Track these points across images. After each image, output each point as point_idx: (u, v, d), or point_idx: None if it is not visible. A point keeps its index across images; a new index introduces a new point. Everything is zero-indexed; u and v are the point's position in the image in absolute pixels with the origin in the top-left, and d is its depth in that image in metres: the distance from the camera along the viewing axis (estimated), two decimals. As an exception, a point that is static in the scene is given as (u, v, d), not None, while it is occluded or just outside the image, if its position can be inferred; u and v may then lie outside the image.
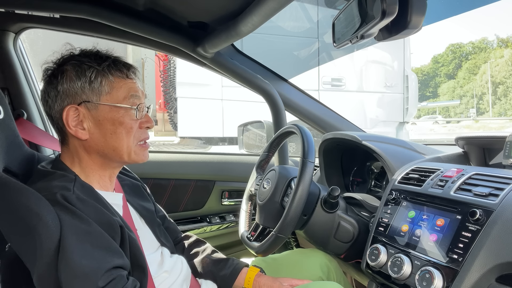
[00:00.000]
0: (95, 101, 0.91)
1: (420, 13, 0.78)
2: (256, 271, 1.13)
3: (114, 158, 0.95)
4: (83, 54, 0.95)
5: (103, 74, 0.92)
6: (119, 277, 0.80)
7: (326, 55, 6.09)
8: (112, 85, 0.93)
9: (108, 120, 0.92)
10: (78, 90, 0.91)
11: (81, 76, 0.91)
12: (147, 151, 1.01)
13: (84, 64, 0.92)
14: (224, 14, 1.26)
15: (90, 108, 0.91)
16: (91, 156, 0.94)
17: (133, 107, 0.94)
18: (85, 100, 0.91)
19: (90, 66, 0.91)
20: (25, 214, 0.77)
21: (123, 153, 0.94)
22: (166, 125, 6.78)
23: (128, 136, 0.94)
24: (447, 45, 66.02)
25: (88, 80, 0.91)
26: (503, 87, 37.91)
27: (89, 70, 0.91)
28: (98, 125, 0.92)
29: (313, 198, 1.17)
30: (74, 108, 0.91)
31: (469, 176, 0.99)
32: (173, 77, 6.08)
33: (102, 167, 0.96)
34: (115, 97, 0.92)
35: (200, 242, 1.24)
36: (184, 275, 1.09)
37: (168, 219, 1.25)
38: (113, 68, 0.93)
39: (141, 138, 0.98)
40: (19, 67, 1.59)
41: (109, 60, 0.94)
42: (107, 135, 0.92)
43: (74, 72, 0.91)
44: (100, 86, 0.91)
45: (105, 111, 0.92)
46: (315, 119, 1.73)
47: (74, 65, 0.92)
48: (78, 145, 0.94)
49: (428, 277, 0.86)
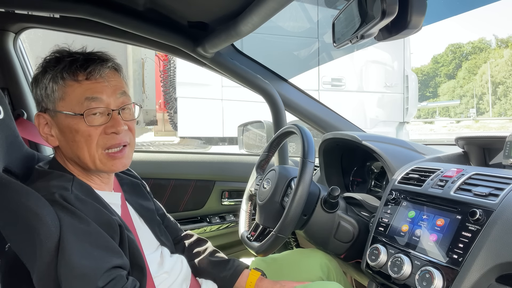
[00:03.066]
0: (52, 109, 0.87)
1: (420, 13, 0.78)
2: (257, 275, 1.13)
3: (83, 165, 0.90)
4: (49, 59, 0.90)
5: (55, 79, 0.86)
6: (118, 277, 0.80)
7: (326, 55, 6.09)
8: (64, 90, 0.86)
9: (67, 128, 0.87)
10: (39, 97, 0.89)
11: (40, 83, 0.88)
12: (121, 161, 0.91)
13: (46, 69, 0.88)
14: (224, 14, 1.26)
15: (52, 116, 0.89)
16: (69, 162, 0.93)
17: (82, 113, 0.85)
18: (46, 108, 0.89)
19: (46, 71, 0.87)
20: (24, 214, 0.77)
21: (87, 162, 0.89)
22: (166, 125, 6.77)
23: (88, 144, 0.87)
24: (447, 45, 66.00)
25: (44, 87, 0.87)
26: (503, 87, 37.90)
27: (45, 76, 0.86)
28: (62, 132, 0.89)
29: (313, 198, 1.17)
30: (42, 116, 0.90)
31: (469, 176, 0.99)
32: (173, 77, 6.08)
33: (85, 172, 0.93)
34: (68, 103, 0.86)
35: (201, 241, 1.24)
36: (184, 275, 1.08)
37: (168, 217, 1.25)
38: (66, 71, 0.86)
39: (108, 145, 0.89)
40: (19, 67, 1.60)
41: (64, 62, 0.86)
42: (69, 142, 0.88)
43: (37, 79, 0.89)
44: (52, 92, 0.86)
45: (62, 119, 0.87)
46: (315, 119, 1.73)
47: (40, 71, 0.90)
48: (59, 151, 0.94)
49: (428, 277, 0.86)
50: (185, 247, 1.21)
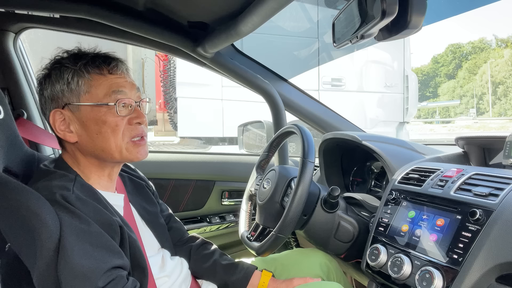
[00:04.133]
0: (76, 102, 0.90)
1: (420, 13, 0.78)
2: (269, 275, 1.13)
3: (106, 158, 0.93)
4: (64, 57, 0.93)
5: (79, 73, 0.89)
6: (118, 277, 0.80)
7: (326, 55, 6.09)
8: (90, 84, 0.90)
9: (91, 120, 0.90)
10: (59, 93, 0.90)
11: (59, 78, 0.90)
12: (144, 148, 0.96)
13: (63, 66, 0.90)
14: (224, 14, 1.26)
15: (73, 110, 0.90)
16: (87, 157, 0.94)
17: (114, 104, 0.90)
18: (66, 103, 0.90)
19: (66, 67, 0.90)
20: (25, 214, 0.77)
21: (113, 152, 0.91)
22: (166, 125, 6.77)
23: (114, 134, 0.91)
24: (447, 45, 66.03)
25: (66, 82, 0.89)
26: (503, 87, 37.89)
27: (67, 72, 0.89)
28: (84, 126, 0.90)
29: (313, 198, 1.17)
30: (59, 112, 0.91)
31: (469, 176, 0.99)
32: (173, 77, 6.08)
33: (100, 167, 0.95)
34: (94, 96, 0.90)
35: (208, 244, 1.23)
36: (183, 276, 1.09)
37: (174, 218, 1.25)
38: (90, 65, 0.90)
39: (133, 135, 0.94)
40: (19, 67, 1.59)
41: (86, 58, 0.91)
42: (93, 135, 0.90)
43: (54, 75, 0.90)
44: (77, 86, 0.89)
45: (87, 112, 0.90)
46: (315, 119, 1.73)
47: (55, 68, 0.91)
48: (73, 148, 0.94)
49: (428, 277, 0.86)
50: (191, 250, 1.20)
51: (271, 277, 1.13)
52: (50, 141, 1.37)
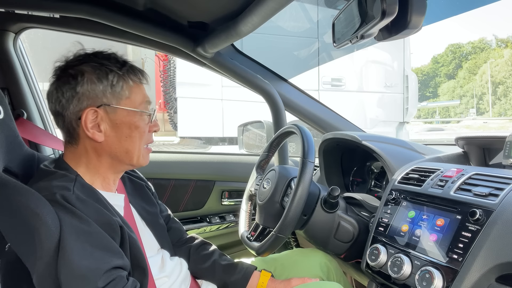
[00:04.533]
0: (114, 105, 0.92)
1: (420, 13, 0.78)
2: (268, 275, 1.13)
3: (124, 160, 0.96)
4: (101, 57, 0.95)
5: (124, 78, 0.94)
6: (119, 278, 0.80)
7: (326, 55, 6.09)
8: (131, 90, 0.95)
9: (125, 124, 0.93)
10: (99, 93, 0.91)
11: (103, 79, 0.91)
12: (149, 155, 1.03)
13: (105, 67, 0.92)
14: (224, 14, 1.26)
15: (109, 111, 0.92)
16: (101, 158, 0.94)
17: (148, 112, 0.97)
18: (105, 103, 0.91)
19: (111, 70, 0.92)
20: (25, 214, 0.77)
21: (133, 156, 0.96)
22: (166, 125, 6.78)
23: (140, 139, 0.96)
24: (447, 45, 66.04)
25: (110, 84, 0.92)
26: (503, 87, 37.89)
27: (111, 74, 0.92)
28: (115, 128, 0.93)
29: (313, 198, 1.17)
30: (93, 111, 0.91)
31: (469, 176, 0.99)
32: (173, 77, 6.08)
33: (110, 169, 0.96)
34: (133, 102, 0.95)
35: (207, 244, 1.23)
36: (183, 277, 1.09)
37: (174, 218, 1.25)
38: (132, 73, 0.96)
39: (148, 142, 1.01)
40: (19, 67, 1.60)
41: (127, 65, 0.96)
42: (122, 138, 0.94)
43: (95, 74, 0.91)
44: (121, 90, 0.93)
45: (123, 115, 0.93)
46: (315, 119, 1.72)
47: (94, 67, 0.91)
48: (90, 147, 0.93)
49: (428, 277, 0.86)
50: (191, 250, 1.20)
51: (270, 277, 1.13)
52: (50, 142, 1.37)
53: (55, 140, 1.36)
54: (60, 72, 0.93)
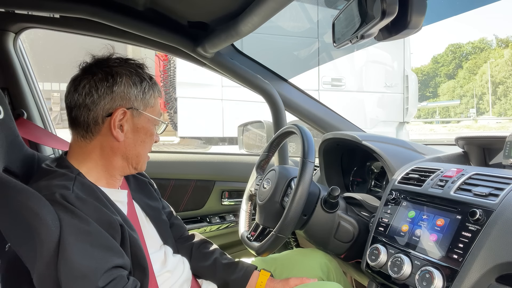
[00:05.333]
0: (142, 110, 0.98)
1: (420, 13, 0.78)
2: (267, 275, 1.14)
3: (133, 163, 1.00)
4: (135, 64, 1.01)
5: (153, 88, 1.02)
6: (119, 277, 0.80)
7: (326, 55, 6.09)
8: (155, 101, 1.02)
9: (144, 129, 0.99)
10: (132, 96, 0.96)
11: (138, 85, 0.97)
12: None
13: (138, 75, 0.99)
14: (224, 14, 1.26)
15: (135, 115, 0.97)
16: (115, 157, 0.97)
17: (165, 122, 1.06)
18: (134, 107, 0.96)
19: (144, 78, 1.00)
20: (25, 214, 0.77)
21: (141, 160, 1.02)
22: (166, 125, 6.78)
23: (150, 146, 1.04)
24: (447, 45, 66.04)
25: (142, 90, 0.98)
26: (503, 87, 37.89)
27: (144, 82, 0.99)
28: (135, 131, 0.98)
29: (313, 198, 1.17)
30: (123, 111, 0.94)
31: (469, 176, 0.99)
32: (173, 77, 6.08)
33: (119, 169, 0.99)
34: (154, 111, 1.02)
35: (208, 243, 1.24)
36: (186, 276, 1.09)
37: (175, 215, 1.26)
38: (156, 86, 1.04)
39: (150, 150, 1.06)
40: (19, 67, 1.60)
41: (153, 79, 1.04)
42: (138, 142, 0.99)
43: (131, 79, 0.96)
44: (149, 98, 1.00)
45: (145, 121, 0.99)
46: (315, 119, 1.72)
47: (131, 72, 0.97)
48: (107, 144, 0.95)
49: (428, 277, 0.86)
50: (192, 248, 1.21)
51: (268, 277, 1.14)
52: (50, 141, 1.37)
53: (55, 139, 1.36)
54: (95, 69, 0.95)
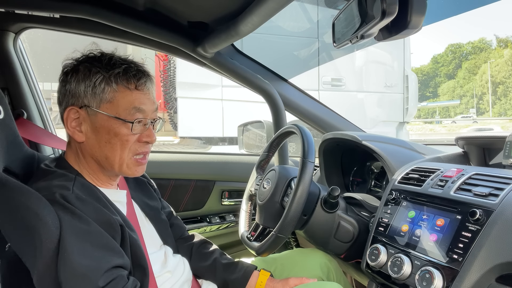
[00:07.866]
0: (95, 108, 0.90)
1: (420, 13, 0.78)
2: (267, 275, 1.13)
3: (106, 167, 0.94)
4: (97, 58, 0.93)
5: (108, 81, 0.89)
6: (119, 277, 0.80)
7: (326, 55, 6.09)
8: (115, 94, 0.90)
9: (104, 129, 0.90)
10: (81, 92, 0.90)
11: (86, 79, 0.90)
12: (143, 167, 0.97)
13: (94, 67, 0.90)
14: (224, 14, 1.26)
15: (90, 113, 0.91)
16: (86, 158, 0.94)
17: (130, 120, 0.90)
18: (86, 104, 0.90)
19: (98, 71, 0.90)
20: (25, 214, 0.77)
21: (114, 164, 0.92)
22: (166, 125, 6.78)
23: (122, 148, 0.91)
24: (447, 45, 66.02)
25: (92, 85, 0.89)
26: (503, 87, 37.89)
27: (96, 75, 0.89)
28: (95, 131, 0.91)
29: (313, 198, 1.17)
30: (75, 110, 0.91)
31: (469, 176, 0.99)
32: (173, 77, 6.08)
33: (99, 170, 0.95)
34: (115, 107, 0.90)
35: (207, 243, 1.23)
36: (186, 277, 1.09)
37: (175, 215, 1.25)
38: (121, 77, 0.90)
39: (138, 152, 0.95)
40: (19, 67, 1.59)
41: (120, 68, 0.91)
42: (102, 142, 0.91)
43: (82, 74, 0.90)
44: (102, 93, 0.89)
45: (103, 119, 0.90)
46: (315, 119, 1.72)
47: (85, 67, 0.91)
48: (77, 146, 0.95)
49: (428, 277, 0.86)
50: (192, 248, 1.21)
51: (268, 277, 1.13)
52: (50, 141, 1.37)
53: (55, 139, 1.36)
54: (62, 70, 0.94)
